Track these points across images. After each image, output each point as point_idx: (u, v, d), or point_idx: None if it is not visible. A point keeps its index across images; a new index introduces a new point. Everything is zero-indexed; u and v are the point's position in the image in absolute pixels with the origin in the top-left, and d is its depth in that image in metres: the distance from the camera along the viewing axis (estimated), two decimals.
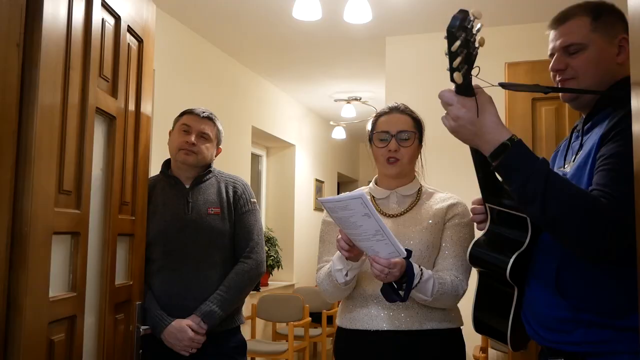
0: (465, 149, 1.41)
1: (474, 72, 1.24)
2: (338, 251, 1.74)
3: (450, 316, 1.84)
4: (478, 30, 1.22)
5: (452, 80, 1.24)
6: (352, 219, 1.53)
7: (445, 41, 1.22)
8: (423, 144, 1.96)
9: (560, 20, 1.45)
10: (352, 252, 1.67)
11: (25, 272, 1.30)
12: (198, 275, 2.18)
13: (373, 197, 1.95)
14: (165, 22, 4.08)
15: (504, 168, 1.26)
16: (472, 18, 1.21)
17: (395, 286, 1.64)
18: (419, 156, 1.97)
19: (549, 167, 1.24)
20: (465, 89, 1.25)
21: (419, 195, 1.93)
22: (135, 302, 1.96)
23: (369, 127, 1.97)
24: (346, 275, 1.75)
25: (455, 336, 1.85)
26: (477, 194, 1.60)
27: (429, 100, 4.52)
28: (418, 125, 1.94)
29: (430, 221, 1.84)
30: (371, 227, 1.53)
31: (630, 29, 1.01)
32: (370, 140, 1.94)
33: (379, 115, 1.96)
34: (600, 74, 1.39)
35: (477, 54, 1.22)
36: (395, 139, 1.87)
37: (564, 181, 1.23)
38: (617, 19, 1.41)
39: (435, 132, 4.27)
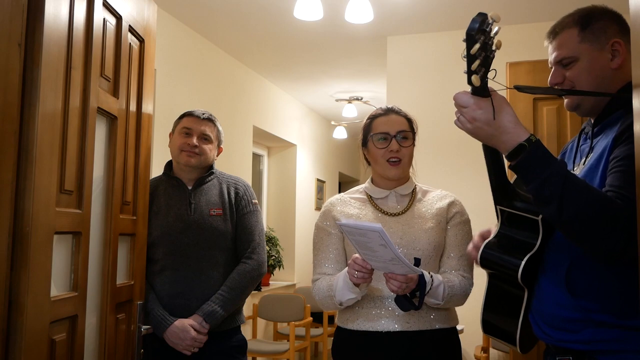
0: (463, 150, 1.41)
1: (490, 74, 1.24)
2: (344, 280, 1.74)
3: (452, 315, 1.88)
4: (496, 33, 1.22)
5: (470, 83, 1.24)
6: (369, 244, 1.55)
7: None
8: (415, 143, 1.98)
9: (552, 34, 1.48)
10: (370, 278, 1.69)
11: (26, 271, 1.30)
12: (200, 276, 2.19)
13: (370, 196, 1.95)
14: (166, 22, 4.08)
15: (521, 169, 1.26)
16: (490, 21, 1.21)
17: (409, 296, 1.67)
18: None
19: (567, 168, 1.24)
20: (481, 90, 1.25)
21: (414, 193, 1.95)
22: (136, 301, 1.96)
23: (363, 130, 1.97)
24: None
25: (455, 335, 1.89)
26: (472, 194, 1.60)
27: (430, 100, 4.56)
28: (412, 126, 1.95)
29: (434, 220, 1.87)
30: (387, 255, 1.54)
31: (631, 29, 1.01)
32: (365, 143, 1.95)
33: (374, 117, 1.96)
34: (595, 81, 1.40)
35: (494, 57, 1.23)
36: (395, 140, 1.88)
37: (581, 183, 1.23)
38: (609, 23, 1.41)
39: (435, 132, 4.28)
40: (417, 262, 1.65)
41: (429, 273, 1.73)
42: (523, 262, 1.34)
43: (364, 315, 1.82)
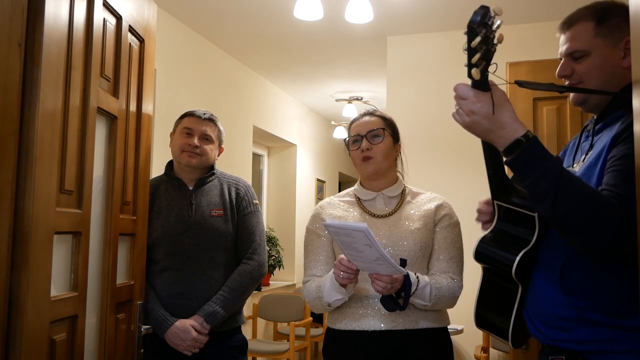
0: (462, 149, 1.41)
1: (491, 68, 1.24)
2: (331, 280, 1.75)
3: (442, 315, 1.88)
4: (497, 27, 1.21)
5: (470, 76, 1.23)
6: (354, 245, 1.55)
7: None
8: (400, 143, 1.99)
9: (566, 25, 1.45)
10: (356, 279, 1.70)
11: (26, 271, 1.30)
12: (201, 276, 2.19)
13: (359, 198, 1.96)
14: (166, 22, 4.09)
15: (517, 164, 1.26)
16: (492, 14, 1.20)
17: (395, 296, 1.68)
18: (399, 155, 1.99)
19: (562, 165, 1.24)
20: (482, 84, 1.25)
21: (403, 195, 1.95)
22: (136, 301, 1.96)
23: (345, 135, 2.01)
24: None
25: (445, 335, 1.89)
26: (471, 194, 1.60)
27: (430, 100, 4.56)
28: (389, 124, 1.96)
29: (421, 222, 1.87)
30: (372, 255, 1.55)
31: (631, 29, 1.01)
32: (348, 146, 1.98)
33: (351, 122, 2.01)
34: (605, 78, 1.39)
35: (495, 50, 1.22)
36: (366, 139, 1.90)
37: (576, 180, 1.23)
38: (625, 20, 1.38)
39: (435, 132, 4.27)
40: (403, 262, 1.65)
41: (415, 274, 1.73)
42: (518, 258, 1.35)
43: (350, 315, 1.83)
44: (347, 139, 1.97)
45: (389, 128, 1.95)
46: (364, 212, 1.92)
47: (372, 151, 1.89)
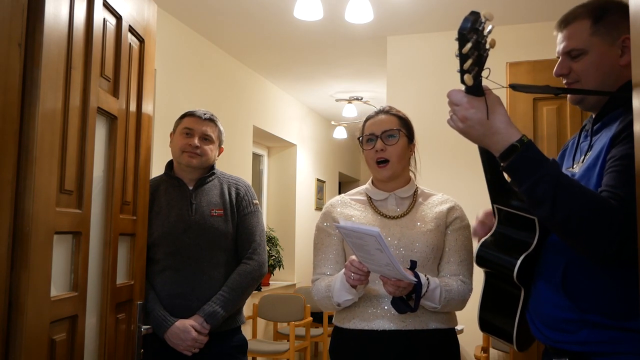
0: (462, 150, 1.41)
1: (484, 73, 1.23)
2: (341, 281, 1.75)
3: (451, 317, 1.88)
4: (489, 32, 1.21)
5: (463, 82, 1.22)
6: (365, 247, 1.55)
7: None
8: (415, 142, 1.97)
9: (563, 23, 1.44)
10: (366, 280, 1.70)
11: (26, 271, 1.30)
12: (201, 276, 2.19)
13: (370, 198, 1.94)
14: (166, 22, 4.09)
15: (513, 169, 1.25)
16: (483, 20, 1.19)
17: (405, 298, 1.68)
18: (413, 154, 1.97)
19: (559, 168, 1.24)
20: (475, 90, 1.24)
21: (415, 196, 1.94)
22: (136, 301, 1.96)
23: (358, 132, 1.99)
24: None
25: (453, 335, 1.89)
26: (472, 194, 1.60)
27: (430, 100, 4.56)
28: (404, 124, 1.94)
29: (433, 224, 1.86)
30: (383, 259, 1.55)
31: (631, 30, 1.01)
32: (362, 145, 1.96)
33: (365, 120, 1.98)
34: (602, 77, 1.38)
35: (487, 55, 1.21)
36: (380, 139, 1.88)
37: (574, 183, 1.23)
38: (622, 18, 1.37)
39: (435, 132, 4.27)
40: (414, 264, 1.65)
41: (425, 276, 1.73)
42: (519, 262, 1.34)
43: (360, 314, 1.82)
44: (361, 137, 1.94)
45: (404, 127, 1.93)
46: (375, 213, 1.90)
47: (387, 152, 1.87)
